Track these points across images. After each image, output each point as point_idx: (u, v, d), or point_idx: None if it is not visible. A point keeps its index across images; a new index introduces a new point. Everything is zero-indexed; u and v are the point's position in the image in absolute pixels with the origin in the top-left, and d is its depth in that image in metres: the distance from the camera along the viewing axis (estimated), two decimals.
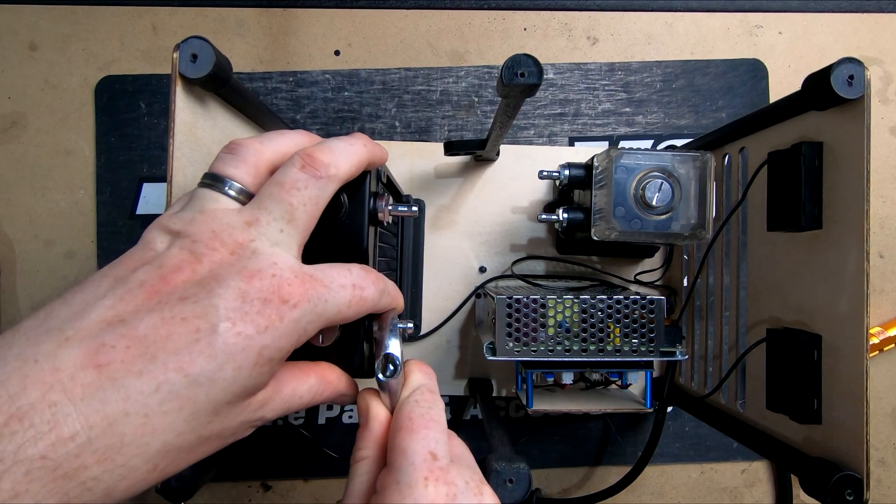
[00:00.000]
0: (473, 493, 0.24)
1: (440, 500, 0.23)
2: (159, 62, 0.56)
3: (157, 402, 0.20)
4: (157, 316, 0.21)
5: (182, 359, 0.21)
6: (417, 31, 0.57)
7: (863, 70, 0.31)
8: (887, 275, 0.58)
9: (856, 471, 0.31)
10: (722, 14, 0.58)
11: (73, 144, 0.55)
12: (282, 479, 0.55)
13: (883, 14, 0.58)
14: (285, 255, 0.24)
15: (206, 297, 0.22)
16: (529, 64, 0.30)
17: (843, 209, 0.33)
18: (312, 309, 0.24)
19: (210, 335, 0.21)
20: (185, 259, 0.23)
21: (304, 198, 0.25)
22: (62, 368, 0.20)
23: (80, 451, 0.19)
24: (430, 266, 0.53)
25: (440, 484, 0.23)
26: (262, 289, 0.23)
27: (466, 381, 0.53)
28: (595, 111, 0.57)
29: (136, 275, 0.22)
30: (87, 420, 0.19)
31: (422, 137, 0.57)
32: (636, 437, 0.57)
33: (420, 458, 0.24)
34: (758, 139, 0.41)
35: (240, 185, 0.26)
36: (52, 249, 0.55)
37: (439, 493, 0.23)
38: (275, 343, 0.23)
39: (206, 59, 0.31)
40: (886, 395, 0.57)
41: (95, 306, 0.21)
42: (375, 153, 0.29)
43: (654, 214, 0.40)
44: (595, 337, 0.40)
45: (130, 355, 0.20)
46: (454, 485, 0.24)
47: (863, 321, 0.31)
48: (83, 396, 0.19)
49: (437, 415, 0.26)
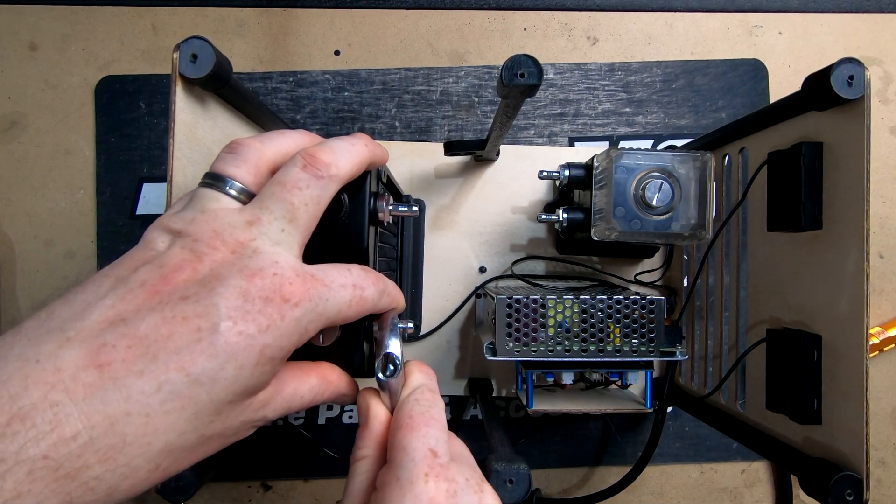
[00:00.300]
0: (474, 490, 0.24)
1: (440, 496, 0.23)
2: (159, 62, 0.56)
3: (159, 402, 0.20)
4: (159, 315, 0.21)
5: (183, 358, 0.21)
6: (417, 31, 0.57)
7: (863, 70, 0.31)
8: (887, 275, 0.58)
9: (856, 471, 0.31)
10: (722, 14, 0.58)
11: (73, 144, 0.55)
12: (282, 479, 0.55)
13: (883, 14, 0.58)
14: (287, 254, 0.24)
15: (208, 296, 0.22)
16: (529, 64, 0.30)
17: (843, 209, 0.33)
18: (313, 308, 0.24)
19: (211, 334, 0.21)
20: (186, 258, 0.23)
21: (306, 197, 0.25)
22: (64, 368, 0.20)
23: (82, 450, 0.19)
24: (430, 266, 0.53)
25: (441, 480, 0.23)
26: (264, 287, 0.23)
27: (466, 381, 0.53)
28: (595, 111, 0.57)
29: (136, 274, 0.22)
30: (89, 420, 0.19)
31: (422, 137, 0.57)
32: (636, 437, 0.57)
33: (420, 454, 0.24)
34: (758, 139, 0.41)
35: (241, 185, 0.26)
36: (52, 249, 0.55)
37: (440, 490, 0.23)
38: (276, 342, 0.23)
39: (206, 60, 0.31)
40: (886, 395, 0.57)
41: (96, 306, 0.21)
42: (376, 153, 0.29)
43: (654, 214, 0.40)
44: (595, 337, 0.40)
45: (132, 355, 0.20)
46: (454, 482, 0.24)
47: (863, 321, 0.31)
48: (85, 396, 0.19)
49: (437, 413, 0.26)
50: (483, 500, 0.24)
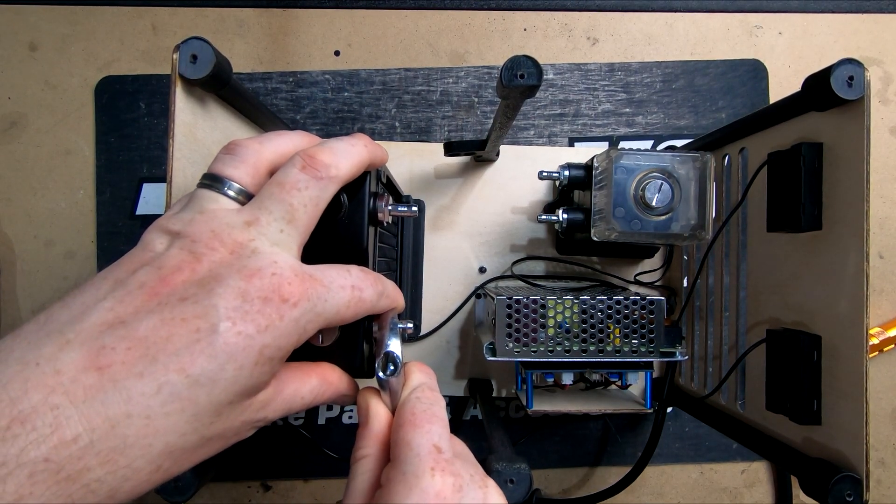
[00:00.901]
0: (478, 485, 0.24)
1: (447, 490, 0.23)
2: (159, 62, 0.56)
3: (159, 404, 0.20)
4: (157, 317, 0.21)
5: (183, 359, 0.21)
6: (417, 31, 0.57)
7: (863, 71, 0.31)
8: (887, 275, 0.58)
9: (855, 472, 0.31)
10: (722, 14, 0.58)
11: (72, 144, 0.55)
12: (282, 479, 0.55)
13: (883, 14, 0.58)
14: (285, 254, 0.24)
15: (206, 296, 0.22)
16: (529, 65, 0.30)
17: (842, 210, 0.33)
18: (312, 308, 0.24)
19: (210, 335, 0.21)
20: (184, 259, 0.23)
21: (305, 198, 0.25)
22: (63, 371, 0.20)
23: (82, 453, 0.19)
24: (430, 266, 0.53)
25: (447, 475, 0.23)
26: (263, 288, 0.23)
27: (466, 381, 0.53)
28: (595, 111, 0.57)
29: (135, 276, 0.22)
30: (90, 422, 0.19)
31: (422, 138, 0.57)
32: (636, 437, 0.57)
33: (425, 450, 0.24)
34: (758, 140, 0.41)
35: (239, 186, 0.26)
36: (52, 249, 0.55)
37: (446, 484, 0.23)
38: (275, 342, 0.23)
39: (205, 60, 0.31)
40: (886, 395, 0.57)
41: (95, 309, 0.21)
42: (376, 154, 0.29)
43: (654, 215, 0.40)
44: (595, 337, 0.40)
45: (131, 357, 0.20)
46: (460, 476, 0.24)
47: (862, 322, 0.31)
48: (85, 399, 0.19)
49: (439, 410, 0.26)
50: (488, 495, 0.24)
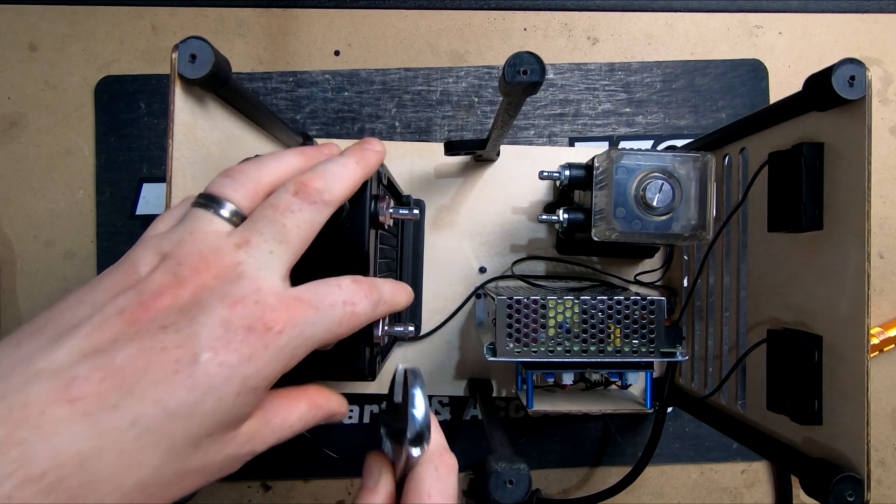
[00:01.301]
0: None
1: None
2: (159, 62, 0.56)
3: (133, 437, 0.20)
4: (136, 346, 0.20)
5: (160, 391, 0.20)
6: (417, 31, 0.57)
7: (864, 71, 0.31)
8: (887, 275, 0.57)
9: (856, 472, 0.31)
10: (722, 14, 0.58)
11: (72, 144, 0.55)
12: (282, 479, 0.55)
13: (883, 14, 0.58)
14: (271, 278, 0.24)
15: (188, 325, 0.21)
16: (532, 61, 0.30)
17: (843, 210, 0.33)
18: (299, 334, 0.23)
19: (191, 366, 0.20)
20: (167, 283, 0.22)
21: (299, 219, 0.25)
22: (32, 404, 0.19)
23: (50, 489, 0.18)
24: (430, 266, 0.53)
25: None
26: (245, 316, 0.22)
27: (466, 381, 0.53)
28: (595, 111, 0.57)
29: (115, 301, 0.22)
30: (58, 458, 0.18)
31: (422, 137, 0.57)
32: (636, 437, 0.57)
33: None
34: (758, 140, 0.41)
35: (234, 207, 0.25)
36: (51, 249, 0.55)
37: None
38: (259, 371, 0.22)
39: (205, 60, 0.31)
40: (887, 395, 0.57)
41: (70, 336, 0.21)
42: (370, 165, 0.29)
43: (655, 215, 0.40)
44: (595, 338, 0.40)
45: (105, 388, 0.20)
46: None
47: (863, 322, 0.31)
48: (54, 433, 0.18)
49: (452, 488, 0.26)
50: None
